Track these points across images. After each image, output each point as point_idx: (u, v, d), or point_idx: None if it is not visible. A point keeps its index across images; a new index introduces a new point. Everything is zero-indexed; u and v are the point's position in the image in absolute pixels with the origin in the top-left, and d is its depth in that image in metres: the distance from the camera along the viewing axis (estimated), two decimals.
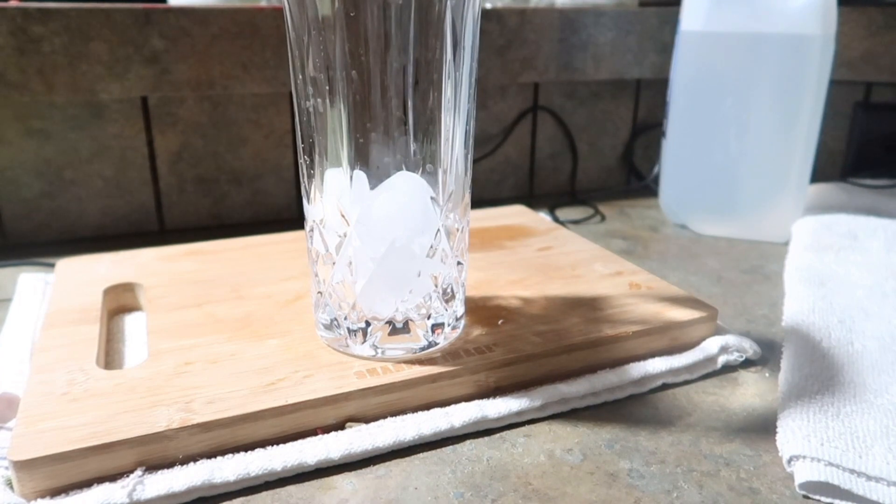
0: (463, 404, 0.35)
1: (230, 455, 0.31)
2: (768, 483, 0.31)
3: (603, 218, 0.69)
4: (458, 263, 0.37)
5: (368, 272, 0.34)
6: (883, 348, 0.40)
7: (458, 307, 0.38)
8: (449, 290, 0.37)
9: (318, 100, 0.33)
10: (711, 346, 0.40)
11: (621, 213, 0.70)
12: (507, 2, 0.74)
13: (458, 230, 0.36)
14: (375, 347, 0.36)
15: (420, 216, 0.34)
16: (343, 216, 0.34)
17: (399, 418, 0.34)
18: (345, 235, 0.34)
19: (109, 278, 0.45)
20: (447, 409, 0.34)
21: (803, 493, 0.30)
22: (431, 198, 0.34)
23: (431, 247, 0.35)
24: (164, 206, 0.63)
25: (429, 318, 0.36)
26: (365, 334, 0.36)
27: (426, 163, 0.34)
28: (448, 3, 0.31)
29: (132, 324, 0.43)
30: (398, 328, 0.36)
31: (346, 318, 0.36)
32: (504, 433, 0.34)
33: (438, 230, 0.35)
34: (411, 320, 0.36)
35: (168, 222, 0.64)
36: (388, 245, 0.34)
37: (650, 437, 0.34)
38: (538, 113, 0.74)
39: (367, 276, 0.35)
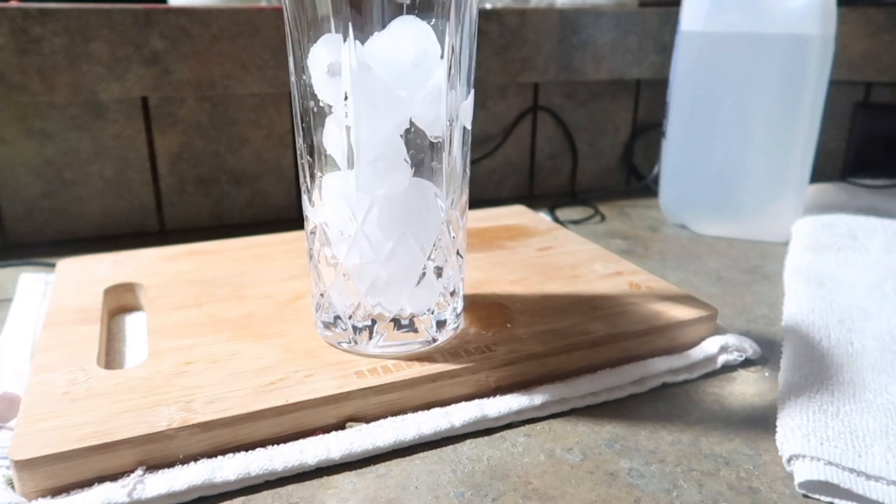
0: (463, 404, 0.35)
1: (231, 454, 0.31)
2: (768, 482, 0.31)
3: (603, 218, 0.69)
4: (459, 256, 0.37)
5: (372, 270, 0.35)
6: (882, 348, 0.40)
7: (459, 304, 0.38)
8: (451, 287, 0.37)
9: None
10: (711, 345, 0.40)
11: (621, 213, 0.70)
12: (507, 2, 0.74)
13: (458, 228, 0.37)
14: (380, 345, 0.36)
15: (424, 213, 0.35)
16: (346, 215, 0.34)
17: (399, 418, 0.34)
18: (347, 235, 0.34)
19: (110, 278, 0.45)
20: (447, 408, 0.34)
21: (803, 492, 0.30)
22: (435, 194, 0.34)
23: (434, 245, 0.35)
24: (165, 206, 0.63)
25: (433, 314, 0.36)
26: (370, 332, 0.36)
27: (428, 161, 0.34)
28: (448, 2, 0.32)
29: (133, 324, 0.43)
30: (403, 325, 0.36)
31: (350, 317, 0.36)
32: (504, 433, 0.34)
33: (442, 227, 0.35)
34: (416, 317, 0.36)
35: (168, 222, 0.64)
36: (391, 243, 0.34)
37: (650, 436, 0.34)
38: (538, 113, 0.74)
39: (372, 274, 0.35)
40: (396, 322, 0.36)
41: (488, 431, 0.34)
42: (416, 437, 0.33)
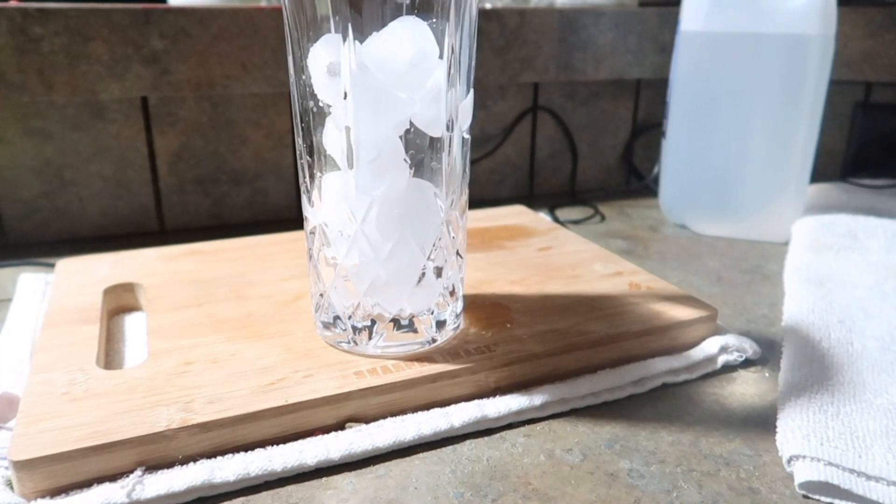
0: (463, 404, 0.35)
1: (230, 455, 0.31)
2: (768, 483, 0.31)
3: (603, 218, 0.69)
4: (459, 256, 0.37)
5: (372, 271, 0.35)
6: (883, 348, 0.40)
7: (458, 304, 0.38)
8: (451, 287, 0.37)
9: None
10: (711, 345, 0.40)
11: (621, 213, 0.70)
12: (507, 2, 0.74)
13: (458, 228, 0.37)
14: (380, 345, 0.36)
15: (424, 213, 0.34)
16: (346, 215, 0.34)
17: (399, 418, 0.34)
18: (347, 235, 0.34)
19: (109, 278, 0.45)
20: (447, 408, 0.34)
21: (803, 492, 0.30)
22: (434, 194, 0.34)
23: (434, 245, 0.35)
24: (164, 206, 0.63)
25: (432, 314, 0.36)
26: (370, 332, 0.36)
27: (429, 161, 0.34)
28: (448, 2, 0.32)
29: (132, 324, 0.43)
30: (403, 325, 0.36)
31: (349, 318, 0.36)
32: (504, 433, 0.34)
33: (441, 227, 0.35)
34: (416, 317, 0.36)
35: (168, 222, 0.64)
36: (391, 243, 0.34)
37: (650, 436, 0.34)
38: (538, 113, 0.74)
39: (371, 275, 0.35)
40: (396, 322, 0.36)
41: (488, 432, 0.34)
42: (415, 438, 0.33)
